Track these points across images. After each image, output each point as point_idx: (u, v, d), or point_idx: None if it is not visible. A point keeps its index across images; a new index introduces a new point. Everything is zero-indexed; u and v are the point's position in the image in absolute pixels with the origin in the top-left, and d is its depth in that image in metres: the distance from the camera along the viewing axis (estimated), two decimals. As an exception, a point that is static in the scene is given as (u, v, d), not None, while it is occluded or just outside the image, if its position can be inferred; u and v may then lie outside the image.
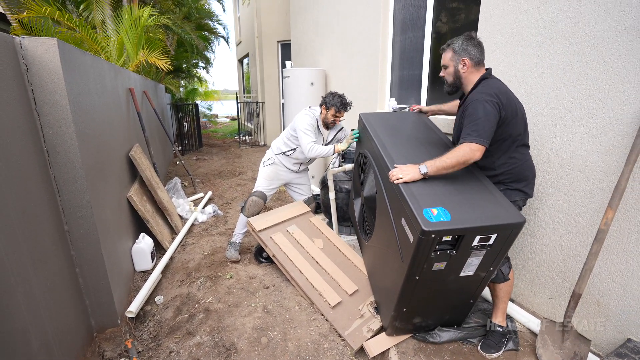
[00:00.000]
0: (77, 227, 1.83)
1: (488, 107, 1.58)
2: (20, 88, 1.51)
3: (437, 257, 1.55)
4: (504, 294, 1.90)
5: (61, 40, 1.64)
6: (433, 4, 2.96)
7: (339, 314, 2.15)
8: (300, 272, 2.41)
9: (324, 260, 2.53)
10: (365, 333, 2.04)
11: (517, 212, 1.55)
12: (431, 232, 1.42)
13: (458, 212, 1.51)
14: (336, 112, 2.64)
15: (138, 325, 2.14)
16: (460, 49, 1.74)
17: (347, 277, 2.41)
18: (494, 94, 1.61)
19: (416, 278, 1.63)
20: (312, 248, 2.62)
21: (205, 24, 9.29)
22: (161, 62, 4.53)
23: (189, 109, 8.76)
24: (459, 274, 1.67)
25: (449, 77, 1.82)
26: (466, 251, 1.57)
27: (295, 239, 2.67)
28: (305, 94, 4.57)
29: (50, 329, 1.54)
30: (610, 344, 1.80)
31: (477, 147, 1.59)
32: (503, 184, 1.77)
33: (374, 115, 2.37)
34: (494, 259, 1.63)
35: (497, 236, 1.52)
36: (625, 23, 1.58)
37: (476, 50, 1.72)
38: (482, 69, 1.76)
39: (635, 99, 1.58)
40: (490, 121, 1.58)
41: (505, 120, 1.64)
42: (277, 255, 2.52)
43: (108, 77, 2.56)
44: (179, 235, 3.23)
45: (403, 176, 1.68)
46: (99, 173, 2.05)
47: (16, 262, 1.35)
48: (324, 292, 2.28)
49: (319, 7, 4.91)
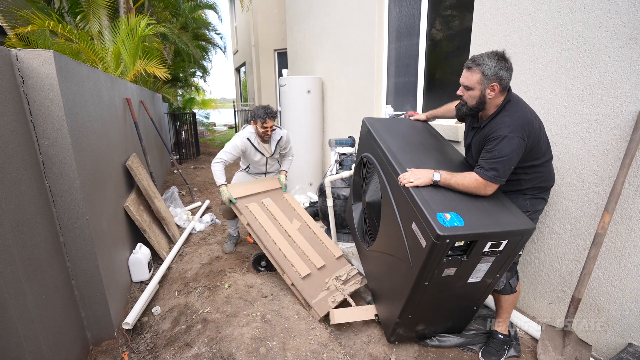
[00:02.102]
0: (72, 238, 1.81)
1: (514, 144, 1.50)
2: (16, 100, 1.51)
3: (448, 263, 1.55)
4: (509, 305, 1.89)
5: (57, 52, 1.65)
6: (427, 12, 3.00)
7: (307, 284, 2.37)
8: (273, 242, 2.57)
9: (296, 235, 2.71)
10: (330, 303, 2.27)
11: (526, 218, 1.55)
12: (446, 236, 1.40)
13: (470, 217, 1.50)
14: (263, 123, 2.74)
15: (135, 337, 2.11)
16: (492, 74, 1.52)
17: (316, 253, 2.62)
18: (521, 127, 1.52)
19: (426, 284, 1.62)
20: (285, 222, 2.78)
21: (202, 34, 9.37)
22: (159, 72, 4.55)
23: (186, 117, 8.78)
24: (467, 280, 1.67)
25: (472, 101, 1.63)
26: (477, 257, 1.56)
27: (270, 211, 2.81)
28: (301, 102, 4.59)
29: (45, 343, 1.52)
30: (611, 348, 1.79)
31: (489, 185, 1.57)
32: (527, 194, 1.73)
33: (377, 120, 2.37)
34: (501, 265, 1.64)
35: (507, 242, 1.52)
36: (615, 30, 1.60)
37: (508, 74, 1.54)
38: (507, 92, 1.62)
39: (628, 104, 1.60)
40: (513, 160, 1.53)
41: (530, 148, 1.59)
42: (252, 224, 2.64)
43: (104, 88, 2.56)
44: (176, 245, 3.21)
45: (414, 180, 1.64)
46: (95, 183, 2.04)
47: (10, 275, 1.33)
48: (295, 263, 2.47)
49: (314, 16, 4.97)
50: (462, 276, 1.65)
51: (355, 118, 4.14)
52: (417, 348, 1.98)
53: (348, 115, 4.32)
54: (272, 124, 2.77)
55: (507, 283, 1.84)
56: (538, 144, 1.61)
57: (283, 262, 2.47)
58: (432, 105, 3.08)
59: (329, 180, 2.99)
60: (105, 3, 4.77)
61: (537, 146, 1.61)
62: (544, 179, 1.70)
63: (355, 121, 4.13)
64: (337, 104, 4.60)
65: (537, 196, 1.73)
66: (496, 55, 1.54)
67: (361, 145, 2.46)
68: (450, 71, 2.85)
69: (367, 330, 2.14)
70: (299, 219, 2.90)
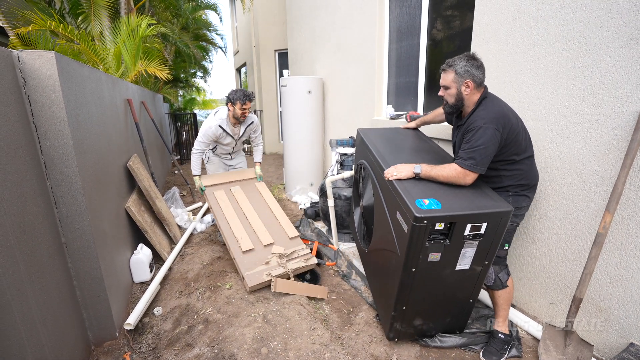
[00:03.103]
0: (74, 239, 1.82)
1: (489, 133, 1.60)
2: (17, 101, 1.51)
3: (431, 247, 1.61)
4: (503, 301, 1.89)
5: (59, 53, 1.65)
6: (428, 12, 3.00)
7: (247, 258, 2.48)
8: (226, 222, 2.74)
9: (253, 216, 2.86)
10: (264, 276, 2.34)
11: (504, 202, 1.62)
12: (423, 218, 1.51)
13: (448, 202, 1.60)
14: (242, 105, 2.87)
15: (136, 337, 2.12)
16: (463, 71, 1.69)
17: (267, 233, 2.73)
18: (495, 118, 1.62)
19: (413, 270, 1.68)
20: (246, 206, 2.96)
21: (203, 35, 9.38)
22: (160, 72, 4.56)
23: (187, 118, 8.79)
24: (454, 267, 1.71)
25: (451, 99, 1.79)
26: (459, 241, 1.62)
27: (235, 197, 3.03)
28: (302, 102, 4.60)
29: (47, 343, 1.52)
30: (612, 348, 1.79)
31: (468, 174, 1.66)
32: (510, 191, 1.80)
33: (370, 130, 2.54)
34: (487, 251, 1.68)
35: (488, 225, 1.59)
36: (616, 29, 1.60)
37: (479, 72, 1.69)
38: (482, 89, 1.76)
39: (629, 103, 1.60)
40: (489, 149, 1.62)
41: (508, 141, 1.67)
42: (213, 207, 2.85)
43: (106, 89, 2.57)
44: (177, 245, 3.21)
45: (397, 173, 1.78)
46: (96, 184, 2.05)
47: (12, 276, 1.33)
48: (240, 239, 2.61)
49: (315, 16, 4.97)
50: (449, 263, 1.69)
51: (356, 118, 4.14)
52: (418, 348, 1.98)
53: (349, 116, 4.32)
54: (249, 105, 2.91)
55: (496, 277, 1.86)
56: (516, 138, 1.69)
57: (230, 238, 2.64)
58: (432, 105, 3.08)
59: (330, 181, 2.99)
60: (106, 3, 4.78)
61: (516, 140, 1.69)
62: (524, 176, 1.76)
63: (356, 121, 4.13)
64: (338, 104, 4.60)
65: (519, 193, 1.78)
66: (466, 56, 1.71)
67: (357, 154, 2.60)
68: (451, 71, 2.84)
69: (368, 330, 2.14)
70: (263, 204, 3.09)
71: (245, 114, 2.94)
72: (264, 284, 2.31)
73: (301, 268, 2.54)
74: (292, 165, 4.84)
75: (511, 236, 1.86)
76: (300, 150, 4.73)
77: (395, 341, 1.99)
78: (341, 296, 2.55)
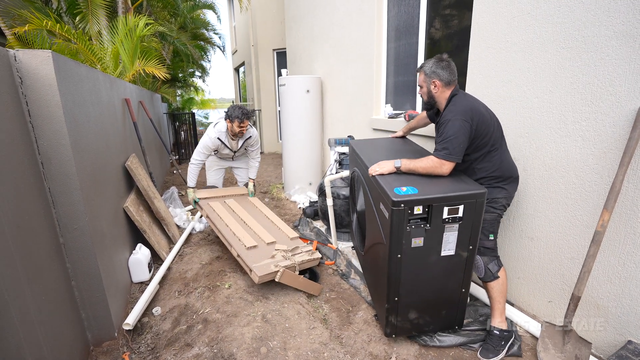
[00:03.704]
0: (72, 239, 1.81)
1: (458, 125, 1.74)
2: (14, 101, 1.50)
3: (413, 232, 1.70)
4: (497, 293, 1.90)
5: (55, 52, 1.64)
6: (426, 11, 3.00)
7: (252, 253, 2.49)
8: (226, 225, 2.77)
9: (251, 221, 2.90)
10: (272, 267, 2.32)
11: (477, 184, 1.75)
12: (400, 202, 1.63)
13: (425, 188, 1.72)
14: (240, 123, 2.93)
15: (135, 337, 2.11)
16: (430, 72, 1.88)
17: (268, 233, 2.76)
18: (464, 111, 1.76)
19: (399, 256, 1.75)
20: (243, 213, 3.00)
21: (201, 34, 9.35)
22: (158, 72, 4.54)
23: (185, 118, 8.77)
24: (440, 253, 1.77)
25: (424, 96, 1.99)
26: (439, 225, 1.71)
27: (230, 207, 3.10)
28: (301, 102, 4.59)
29: (46, 344, 1.51)
30: (611, 346, 1.79)
31: (444, 163, 1.78)
32: (485, 184, 1.87)
33: (360, 141, 2.72)
34: (469, 235, 1.75)
35: (465, 208, 1.68)
36: (614, 28, 1.60)
37: (445, 72, 1.85)
38: (452, 87, 1.89)
39: (627, 102, 1.60)
40: (459, 139, 1.74)
41: (478, 133, 1.79)
42: (210, 215, 2.88)
43: (103, 88, 2.56)
44: (176, 245, 3.21)
45: (380, 169, 1.92)
46: (94, 184, 2.04)
47: (10, 277, 1.33)
48: (243, 238, 2.61)
49: (313, 15, 4.97)
50: (434, 248, 1.76)
51: (355, 117, 4.14)
52: (417, 347, 1.98)
53: (348, 115, 4.32)
54: (247, 123, 2.97)
55: (485, 269, 1.88)
56: (487, 130, 1.80)
57: (232, 238, 2.63)
58: (431, 104, 3.08)
59: (329, 180, 3.00)
60: (103, 3, 4.77)
61: (486, 132, 1.80)
62: (497, 168, 1.86)
63: (355, 121, 4.13)
64: (336, 103, 4.60)
65: (493, 185, 1.87)
66: (435, 58, 1.90)
67: (350, 164, 2.77)
68: (450, 70, 2.85)
69: (367, 329, 2.14)
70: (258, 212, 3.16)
71: (243, 131, 3.00)
72: (272, 275, 2.30)
73: (307, 261, 2.56)
74: (290, 165, 4.84)
75: (494, 227, 1.90)
76: (299, 150, 4.73)
77: (393, 337, 1.99)
78: (340, 295, 2.55)
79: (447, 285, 1.87)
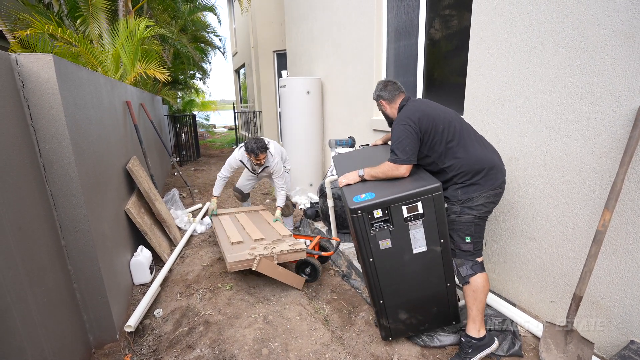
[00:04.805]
0: (74, 241, 1.82)
1: (401, 128, 1.83)
2: (16, 104, 1.51)
3: (378, 235, 1.74)
4: (469, 298, 1.81)
5: (57, 56, 1.65)
6: (425, 12, 3.00)
7: (234, 248, 2.56)
8: (224, 230, 2.93)
9: (250, 226, 3.01)
10: (246, 254, 2.39)
11: (432, 179, 1.77)
12: (357, 209, 1.69)
13: (382, 192, 1.76)
14: (256, 157, 3.09)
15: (137, 339, 2.12)
16: (375, 97, 2.12)
17: (259, 232, 2.83)
18: (405, 116, 1.86)
19: (371, 260, 1.79)
20: (246, 222, 3.13)
21: (201, 36, 9.37)
22: (159, 74, 4.55)
23: (186, 120, 8.79)
24: (412, 251, 1.78)
25: (384, 115, 2.18)
26: (402, 224, 1.73)
27: (237, 218, 3.29)
28: (301, 103, 4.60)
29: (47, 346, 1.52)
30: (613, 346, 1.79)
31: (398, 166, 1.83)
32: (457, 183, 1.83)
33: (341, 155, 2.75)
34: (436, 229, 1.76)
35: (423, 204, 1.71)
36: (613, 27, 1.60)
37: (384, 92, 2.06)
38: (398, 100, 2.03)
39: (627, 101, 1.60)
40: (404, 141, 1.81)
41: (429, 132, 1.83)
42: (215, 225, 3.09)
43: (104, 91, 2.57)
44: (177, 247, 3.21)
45: (345, 180, 1.99)
46: (95, 187, 2.05)
47: (12, 279, 1.33)
48: (232, 236, 2.73)
49: (313, 17, 4.98)
50: (404, 248, 1.77)
51: (355, 118, 4.14)
52: (419, 348, 1.98)
53: (348, 116, 4.33)
54: (263, 157, 3.12)
55: (457, 271, 1.83)
56: (435, 126, 1.82)
57: (223, 237, 2.78)
58: (431, 104, 3.08)
59: (329, 181, 3.00)
60: (104, 6, 4.78)
61: (439, 130, 1.82)
62: (464, 163, 1.80)
63: (355, 121, 4.13)
64: (336, 104, 4.61)
65: (466, 183, 1.82)
66: (378, 84, 2.11)
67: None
68: (449, 71, 2.85)
69: (369, 330, 2.14)
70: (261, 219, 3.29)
71: (261, 162, 3.18)
72: (247, 263, 2.32)
73: (288, 252, 2.50)
74: (291, 166, 4.85)
75: (471, 229, 1.80)
76: (300, 151, 4.73)
77: (389, 340, 1.99)
78: (342, 296, 2.55)
79: (430, 281, 1.85)
